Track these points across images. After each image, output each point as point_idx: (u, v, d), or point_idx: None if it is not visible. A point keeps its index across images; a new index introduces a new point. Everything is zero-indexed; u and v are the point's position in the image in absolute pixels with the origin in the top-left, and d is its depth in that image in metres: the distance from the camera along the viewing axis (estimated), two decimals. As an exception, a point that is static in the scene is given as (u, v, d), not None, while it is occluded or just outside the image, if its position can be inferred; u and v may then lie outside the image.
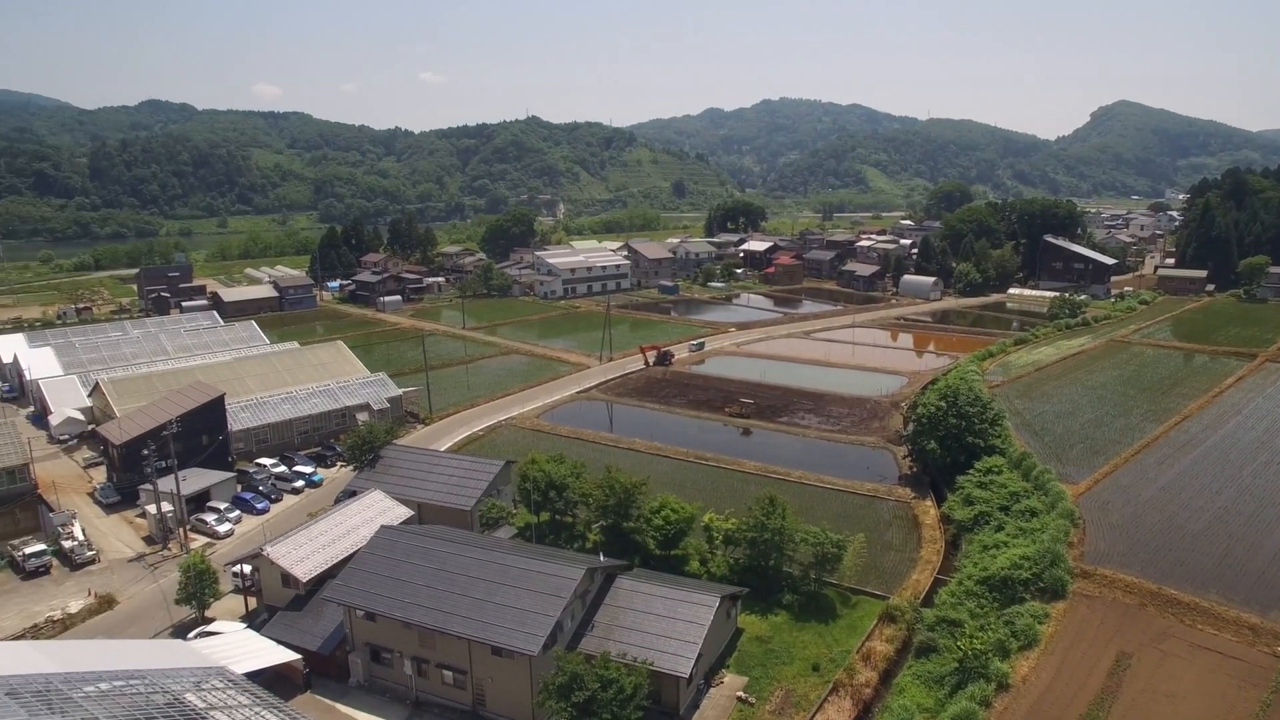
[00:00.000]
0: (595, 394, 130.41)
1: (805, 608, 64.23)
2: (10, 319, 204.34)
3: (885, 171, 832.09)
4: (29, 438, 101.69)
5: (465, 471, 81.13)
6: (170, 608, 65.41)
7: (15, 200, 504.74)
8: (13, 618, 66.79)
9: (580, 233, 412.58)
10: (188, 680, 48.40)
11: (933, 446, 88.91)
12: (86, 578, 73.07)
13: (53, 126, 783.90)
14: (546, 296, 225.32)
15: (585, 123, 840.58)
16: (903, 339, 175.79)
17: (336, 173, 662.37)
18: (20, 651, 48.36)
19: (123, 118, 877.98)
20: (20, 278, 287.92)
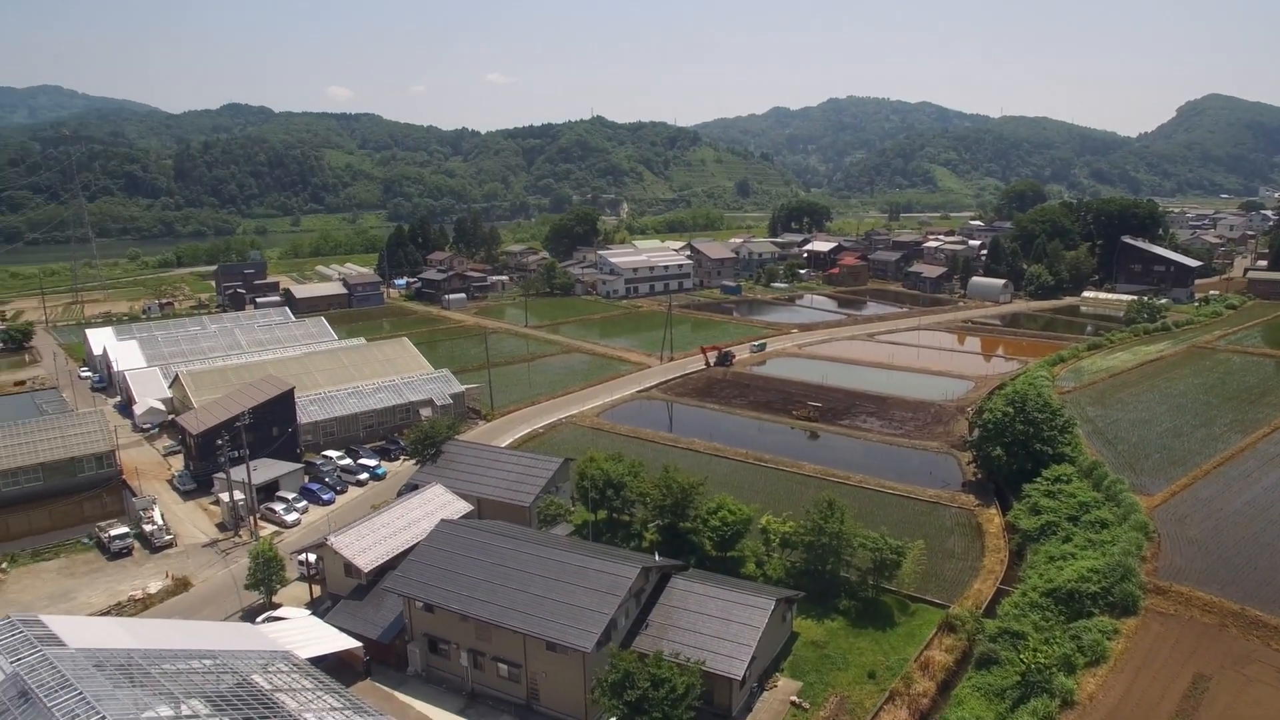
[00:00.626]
0: (655, 393, 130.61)
1: (862, 614, 63.37)
2: (101, 313, 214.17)
3: (955, 171, 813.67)
4: (115, 426, 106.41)
5: (525, 468, 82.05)
6: (240, 592, 67.70)
7: (108, 201, 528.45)
8: (100, 594, 70.07)
9: (643, 232, 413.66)
10: (255, 662, 50.07)
11: (999, 453, 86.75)
12: (164, 560, 76.13)
13: (142, 130, 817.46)
14: (609, 295, 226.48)
15: (650, 122, 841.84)
16: (970, 342, 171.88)
17: (405, 172, 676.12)
18: (106, 627, 50.63)
19: (205, 121, 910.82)
20: (111, 274, 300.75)
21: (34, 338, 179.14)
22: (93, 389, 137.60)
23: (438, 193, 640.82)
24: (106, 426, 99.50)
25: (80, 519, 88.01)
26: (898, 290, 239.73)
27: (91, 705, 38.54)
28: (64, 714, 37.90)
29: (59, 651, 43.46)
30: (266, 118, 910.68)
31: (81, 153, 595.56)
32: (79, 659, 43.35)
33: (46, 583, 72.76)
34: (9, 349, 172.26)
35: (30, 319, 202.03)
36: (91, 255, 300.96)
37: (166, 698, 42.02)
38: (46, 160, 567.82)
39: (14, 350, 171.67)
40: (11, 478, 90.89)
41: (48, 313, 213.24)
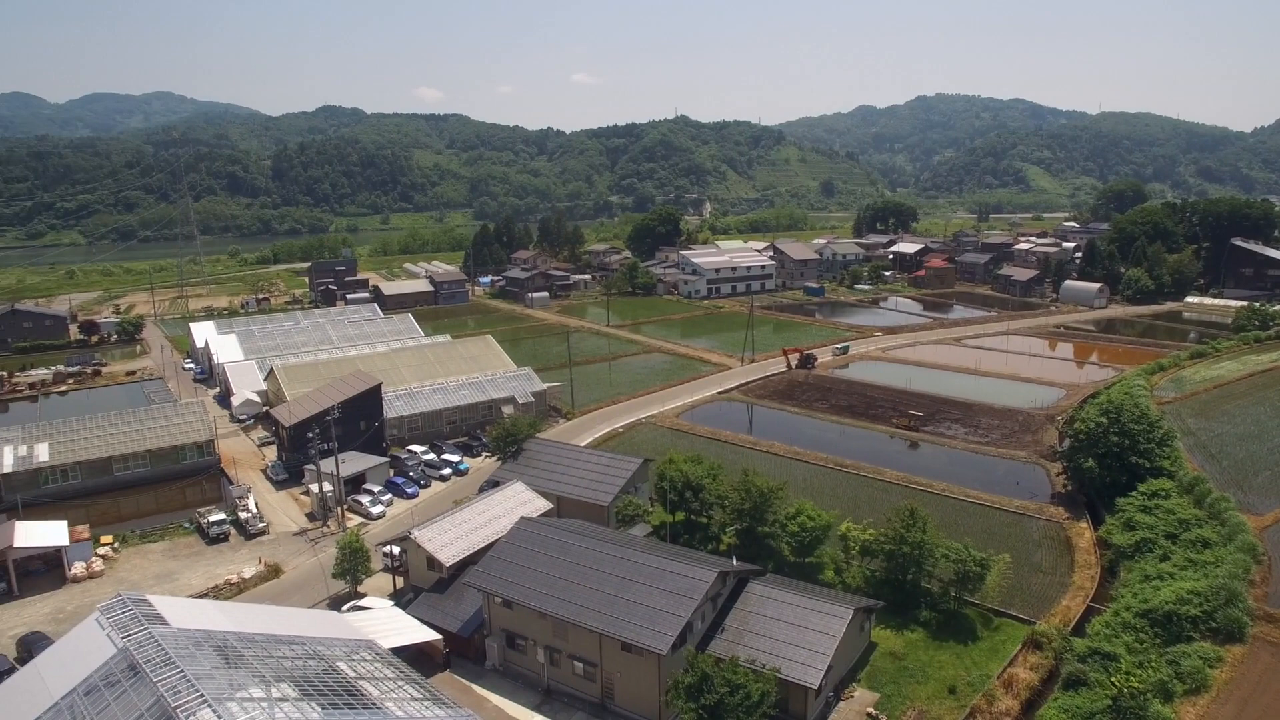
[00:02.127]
0: (736, 395, 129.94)
1: (943, 626, 61.76)
2: (204, 307, 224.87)
3: (1049, 170, 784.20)
4: (215, 416, 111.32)
5: (604, 467, 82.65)
6: (328, 581, 70.07)
7: (211, 200, 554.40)
8: (199, 577, 73.61)
9: (726, 232, 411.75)
10: (341, 650, 51.75)
11: (1090, 465, 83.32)
12: (258, 547, 79.41)
13: (244, 133, 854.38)
14: (690, 296, 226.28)
15: (733, 121, 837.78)
16: (1062, 349, 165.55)
17: (491, 172, 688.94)
18: (204, 609, 53.06)
19: (302, 123, 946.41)
20: (213, 270, 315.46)
21: (144, 330, 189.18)
22: (195, 380, 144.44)
23: (522, 192, 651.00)
24: (207, 417, 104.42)
25: (182, 504, 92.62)
26: (986, 293, 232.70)
27: (191, 682, 40.44)
28: (167, 689, 39.90)
29: (163, 630, 45.74)
30: (359, 119, 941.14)
31: (189, 155, 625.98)
32: (180, 638, 45.54)
33: (152, 563, 76.77)
34: (122, 340, 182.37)
35: (141, 312, 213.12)
36: (196, 252, 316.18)
37: (258, 679, 43.80)
38: (158, 162, 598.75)
39: (127, 342, 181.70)
40: (123, 463, 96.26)
41: (156, 306, 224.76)
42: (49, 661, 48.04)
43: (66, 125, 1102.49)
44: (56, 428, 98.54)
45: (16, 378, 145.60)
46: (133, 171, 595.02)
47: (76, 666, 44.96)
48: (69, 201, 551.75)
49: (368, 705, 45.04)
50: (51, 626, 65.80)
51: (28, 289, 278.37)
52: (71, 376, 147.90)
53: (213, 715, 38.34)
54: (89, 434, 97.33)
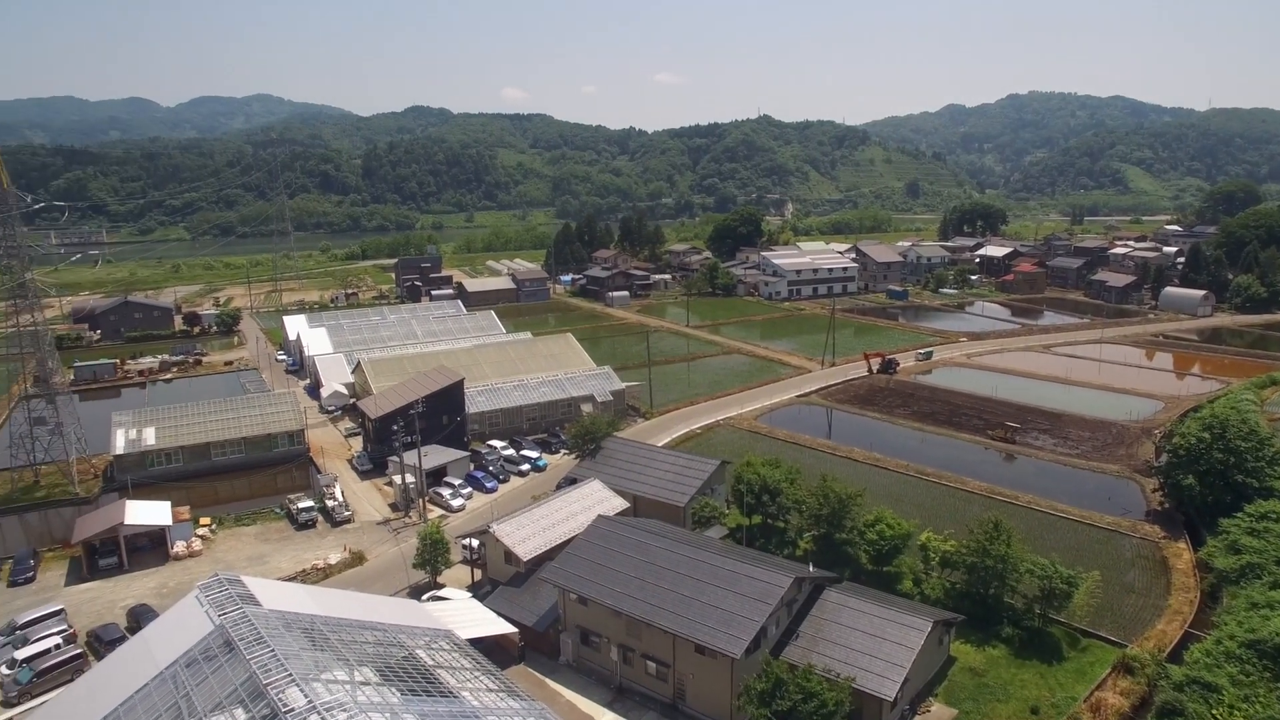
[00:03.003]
0: (815, 399, 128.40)
1: (1027, 644, 59.77)
2: (296, 301, 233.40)
3: (1150, 170, 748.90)
4: (305, 407, 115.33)
5: (681, 468, 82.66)
6: (409, 570, 71.95)
7: (304, 198, 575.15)
8: (288, 561, 76.54)
9: (808, 233, 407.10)
10: (420, 638, 53.10)
11: (1190, 482, 79.37)
12: (343, 534, 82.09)
13: (336, 133, 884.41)
14: (771, 297, 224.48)
15: (817, 121, 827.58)
16: (1160, 359, 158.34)
17: (573, 171, 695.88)
18: (293, 592, 55.12)
19: (391, 123, 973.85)
20: (305, 265, 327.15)
21: (240, 322, 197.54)
22: (286, 371, 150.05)
23: (604, 191, 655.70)
24: (298, 407, 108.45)
25: (274, 490, 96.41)
26: (1078, 299, 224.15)
27: (280, 661, 42.13)
28: (259, 666, 41.71)
29: (255, 610, 47.74)
30: (445, 119, 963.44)
31: (285, 154, 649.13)
32: (271, 619, 47.45)
33: (245, 545, 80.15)
34: (221, 332, 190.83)
35: (238, 305, 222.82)
36: (290, 248, 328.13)
37: (342, 662, 45.31)
38: (257, 162, 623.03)
39: (225, 333, 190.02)
40: (221, 449, 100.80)
41: (252, 299, 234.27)
42: (155, 633, 50.74)
43: (176, 127, 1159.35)
44: (161, 413, 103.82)
45: (128, 365, 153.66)
46: (233, 170, 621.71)
47: (179, 639, 47.34)
48: (176, 199, 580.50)
49: (444, 693, 46.13)
50: (156, 600, 69.36)
51: (139, 281, 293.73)
52: (175, 365, 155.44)
53: (300, 694, 39.85)
54: (190, 420, 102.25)
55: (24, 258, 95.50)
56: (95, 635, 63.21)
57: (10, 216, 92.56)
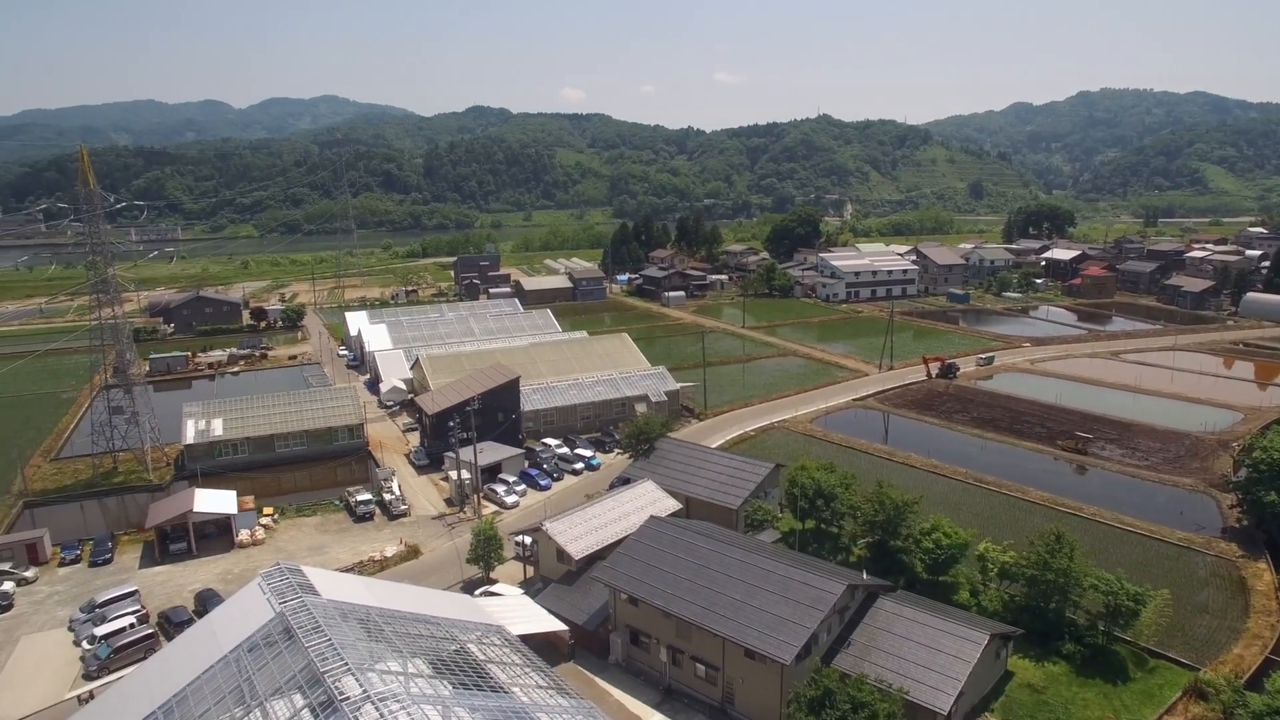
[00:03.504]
0: (872, 403, 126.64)
1: (1090, 662, 57.92)
2: (358, 297, 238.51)
3: (1232, 169, 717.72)
4: (364, 402, 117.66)
5: (734, 470, 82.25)
6: (462, 565, 72.96)
7: (368, 196, 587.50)
8: (346, 552, 78.22)
9: (867, 234, 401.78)
10: (472, 633, 53.79)
11: (1273, 499, 75.75)
12: (399, 527, 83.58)
13: (399, 133, 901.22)
14: (828, 299, 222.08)
15: (878, 120, 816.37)
16: (1240, 368, 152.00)
17: (631, 170, 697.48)
18: (350, 583, 56.32)
19: (452, 122, 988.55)
20: (367, 262, 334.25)
21: (304, 318, 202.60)
22: (348, 366, 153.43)
23: (662, 190, 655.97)
24: (358, 402, 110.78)
25: (333, 482, 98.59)
26: (1151, 305, 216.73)
27: (337, 650, 43.11)
28: (316, 654, 42.76)
29: (314, 600, 48.90)
30: (505, 119, 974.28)
31: (349, 154, 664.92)
32: (329, 609, 48.54)
33: (306, 536, 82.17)
34: (286, 326, 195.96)
35: (303, 301, 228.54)
36: (353, 245, 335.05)
37: (396, 654, 46.12)
38: (322, 161, 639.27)
39: (290, 328, 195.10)
40: (284, 441, 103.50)
41: (316, 295, 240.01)
42: (220, 617, 52.42)
43: (247, 128, 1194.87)
44: (229, 405, 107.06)
45: (199, 358, 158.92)
46: (300, 170, 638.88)
47: (242, 625, 48.82)
48: (246, 198, 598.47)
49: (495, 688, 46.63)
50: (221, 585, 71.55)
51: (210, 277, 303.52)
52: (243, 359, 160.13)
53: (355, 683, 40.70)
54: (256, 413, 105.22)
55: (107, 254, 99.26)
56: (165, 617, 65.51)
57: (95, 215, 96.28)
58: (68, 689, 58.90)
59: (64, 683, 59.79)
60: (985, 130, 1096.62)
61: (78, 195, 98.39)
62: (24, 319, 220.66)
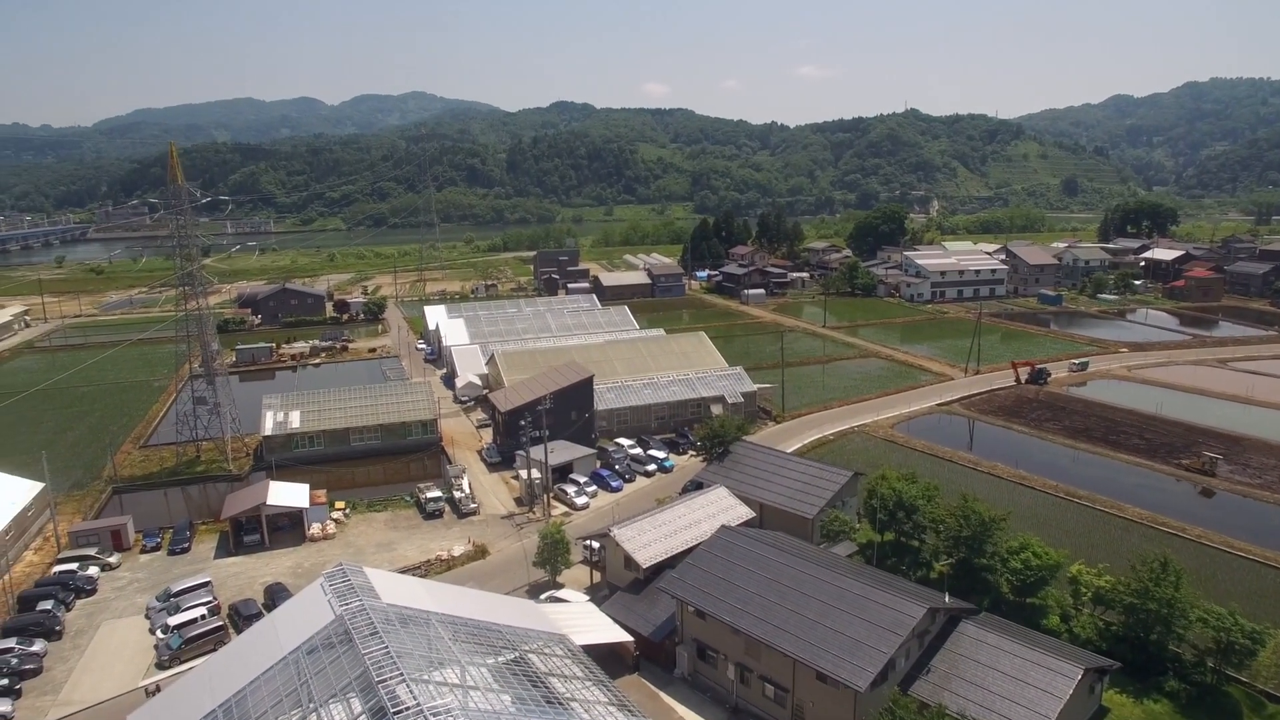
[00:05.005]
0: (957, 408, 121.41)
1: (1197, 702, 53.14)
2: (438, 291, 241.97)
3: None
4: (439, 397, 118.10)
5: (811, 478, 79.17)
6: (528, 568, 71.90)
7: (452, 190, 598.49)
8: (414, 550, 78.10)
9: (953, 231, 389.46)
10: (535, 642, 52.52)
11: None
12: (468, 526, 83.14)
13: (484, 128, 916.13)
14: (913, 299, 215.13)
15: (967, 115, 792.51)
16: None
17: (713, 166, 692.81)
18: (413, 587, 55.65)
19: (536, 118, 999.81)
20: (449, 256, 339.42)
21: (386, 311, 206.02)
22: (425, 360, 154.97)
23: (743, 186, 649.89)
24: (432, 397, 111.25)
25: (406, 477, 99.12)
26: (1263, 309, 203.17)
27: (393, 658, 42.27)
28: (371, 660, 42.04)
29: (374, 603, 48.27)
30: (589, 114, 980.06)
31: (434, 149, 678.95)
32: (388, 613, 47.85)
33: (375, 531, 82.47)
34: (367, 319, 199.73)
35: (385, 294, 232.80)
36: (435, 239, 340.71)
37: (454, 663, 45.08)
38: (409, 156, 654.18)
39: (371, 321, 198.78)
40: (359, 434, 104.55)
41: (398, 288, 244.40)
42: (282, 617, 52.47)
43: (338, 124, 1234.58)
44: (306, 398, 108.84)
45: (282, 349, 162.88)
46: (387, 164, 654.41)
47: (302, 626, 48.57)
48: (335, 192, 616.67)
49: (554, 701, 45.17)
50: (291, 579, 72.21)
51: (298, 269, 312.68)
52: (324, 350, 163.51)
53: (409, 693, 39.75)
54: (333, 406, 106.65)
55: (194, 248, 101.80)
56: (235, 609, 66.30)
57: (182, 210, 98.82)
58: (140, 677, 60.00)
59: (138, 671, 60.96)
60: (1081, 124, 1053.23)
61: (168, 191, 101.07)
62: (124, 309, 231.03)
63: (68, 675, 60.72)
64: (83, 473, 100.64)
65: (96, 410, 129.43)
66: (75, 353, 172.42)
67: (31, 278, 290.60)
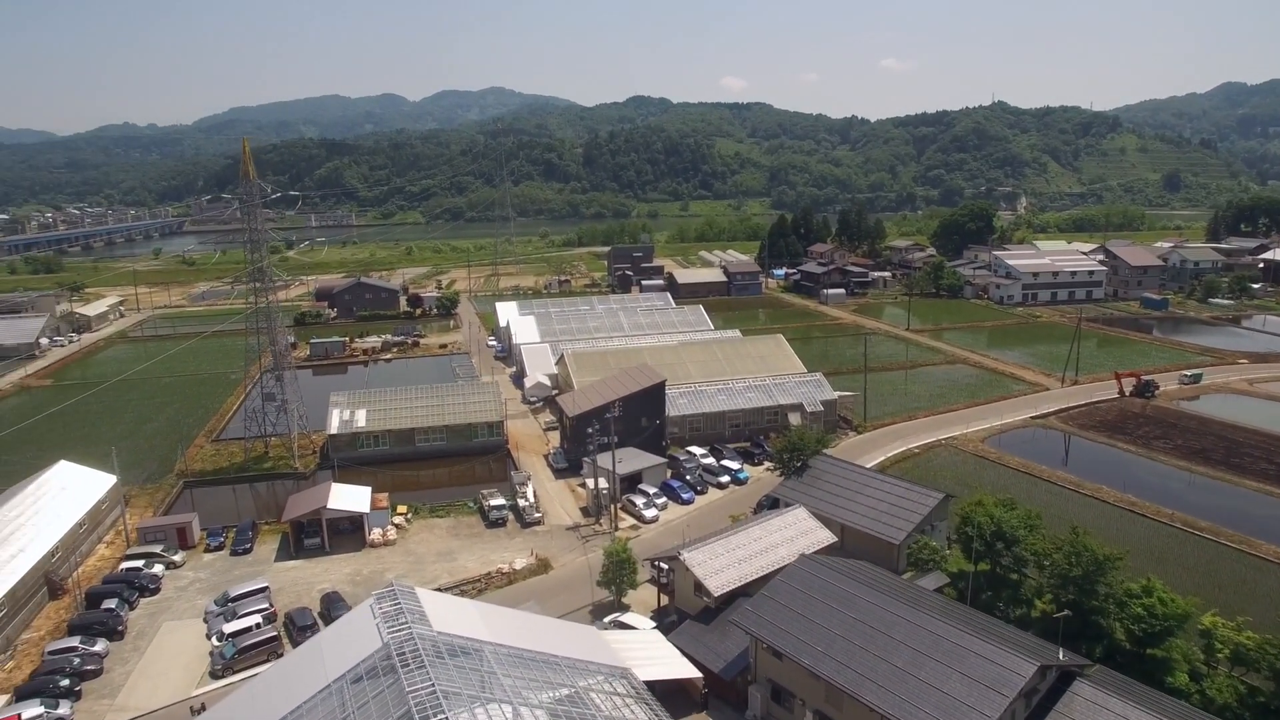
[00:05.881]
0: (1053, 422, 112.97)
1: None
2: (512, 286, 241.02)
3: None
4: (506, 398, 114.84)
5: (898, 498, 73.13)
6: (593, 586, 67.77)
7: (528, 185, 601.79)
8: (474, 561, 74.84)
9: (1043, 230, 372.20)
10: (594, 676, 48.39)
11: None
12: (532, 537, 79.60)
13: (560, 123, 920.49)
14: (1002, 301, 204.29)
15: (1059, 107, 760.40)
16: None
17: (791, 161, 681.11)
18: (467, 612, 52.00)
19: (613, 112, 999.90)
20: (523, 251, 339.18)
21: (458, 306, 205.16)
22: (495, 358, 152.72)
23: (822, 182, 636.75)
24: (499, 398, 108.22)
25: (471, 479, 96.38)
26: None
27: (438, 697, 39.05)
28: (413, 695, 39.22)
29: (423, 631, 44.84)
30: (665, 108, 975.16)
31: (512, 143, 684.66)
32: (437, 643, 44.37)
33: (437, 539, 79.56)
34: (440, 314, 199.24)
35: (459, 288, 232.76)
36: (510, 233, 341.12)
37: (505, 700, 41.42)
38: (487, 150, 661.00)
39: (444, 316, 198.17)
40: (424, 435, 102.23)
41: (471, 283, 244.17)
42: (330, 639, 49.61)
43: (420, 119, 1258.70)
44: (373, 396, 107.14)
45: (355, 343, 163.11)
46: (465, 159, 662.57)
47: (350, 651, 45.68)
48: (414, 186, 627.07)
49: (614, 749, 41.04)
50: (349, 588, 69.87)
51: (377, 262, 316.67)
52: (396, 346, 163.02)
53: (455, 735, 36.16)
54: (399, 405, 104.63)
55: (264, 244, 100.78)
56: (290, 618, 64.11)
57: (253, 206, 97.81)
58: (194, 685, 58.20)
59: (192, 679, 59.22)
60: (1185, 115, 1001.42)
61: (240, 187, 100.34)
62: (209, 300, 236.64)
63: (125, 678, 59.52)
64: (157, 465, 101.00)
65: (176, 401, 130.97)
66: (162, 343, 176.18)
67: (131, 269, 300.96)
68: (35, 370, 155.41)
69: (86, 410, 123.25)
